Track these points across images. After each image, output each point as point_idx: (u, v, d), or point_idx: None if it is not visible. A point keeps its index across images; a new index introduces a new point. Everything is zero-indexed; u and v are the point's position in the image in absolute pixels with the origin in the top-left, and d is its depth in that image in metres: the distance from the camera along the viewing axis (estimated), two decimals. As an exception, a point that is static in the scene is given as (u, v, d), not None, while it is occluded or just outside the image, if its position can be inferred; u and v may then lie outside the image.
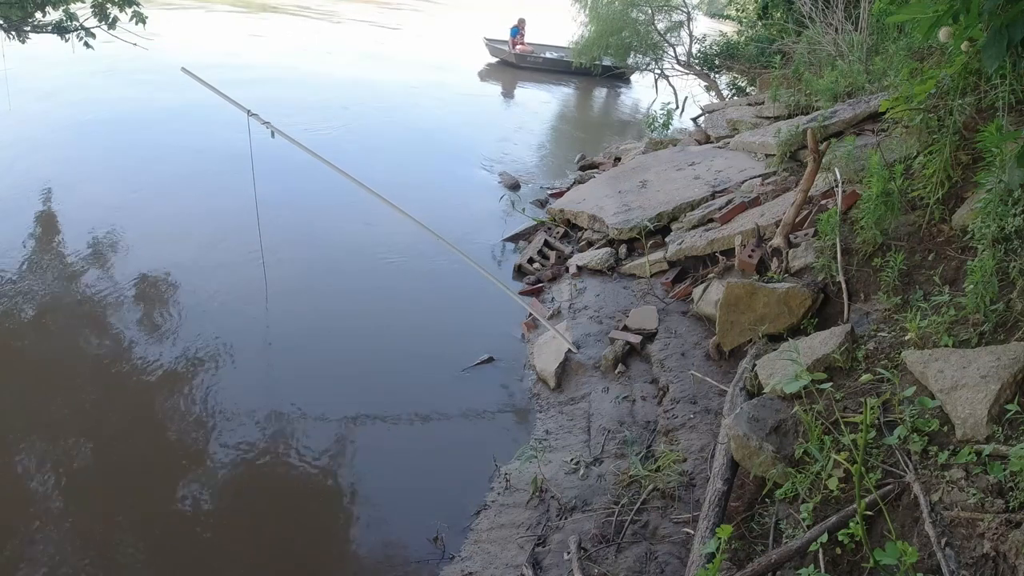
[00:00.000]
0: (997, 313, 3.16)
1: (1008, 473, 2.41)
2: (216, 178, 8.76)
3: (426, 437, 4.92)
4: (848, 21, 9.21)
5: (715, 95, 15.60)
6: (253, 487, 4.37)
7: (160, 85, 12.00)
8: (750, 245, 5.35)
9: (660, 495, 3.83)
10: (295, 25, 22.08)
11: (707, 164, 8.09)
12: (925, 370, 3.01)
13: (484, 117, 14.30)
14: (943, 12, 2.48)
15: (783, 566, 2.71)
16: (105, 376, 5.21)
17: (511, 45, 19.33)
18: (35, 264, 6.67)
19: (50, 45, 9.00)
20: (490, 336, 6.13)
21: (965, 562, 2.26)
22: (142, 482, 4.28)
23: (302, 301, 6.39)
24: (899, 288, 4.00)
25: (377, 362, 5.70)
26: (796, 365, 3.10)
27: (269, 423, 4.83)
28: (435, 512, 4.13)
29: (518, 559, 3.65)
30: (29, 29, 8.53)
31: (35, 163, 8.91)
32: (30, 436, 4.55)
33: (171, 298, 6.28)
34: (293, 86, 13.86)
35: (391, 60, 18.14)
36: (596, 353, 5.47)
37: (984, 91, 4.03)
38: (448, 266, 6.99)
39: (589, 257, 7.03)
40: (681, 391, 4.67)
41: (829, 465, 2.87)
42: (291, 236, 7.44)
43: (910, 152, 4.65)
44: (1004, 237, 3.26)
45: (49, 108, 11.14)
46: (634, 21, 16.28)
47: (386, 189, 5.73)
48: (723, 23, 22.63)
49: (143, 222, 7.59)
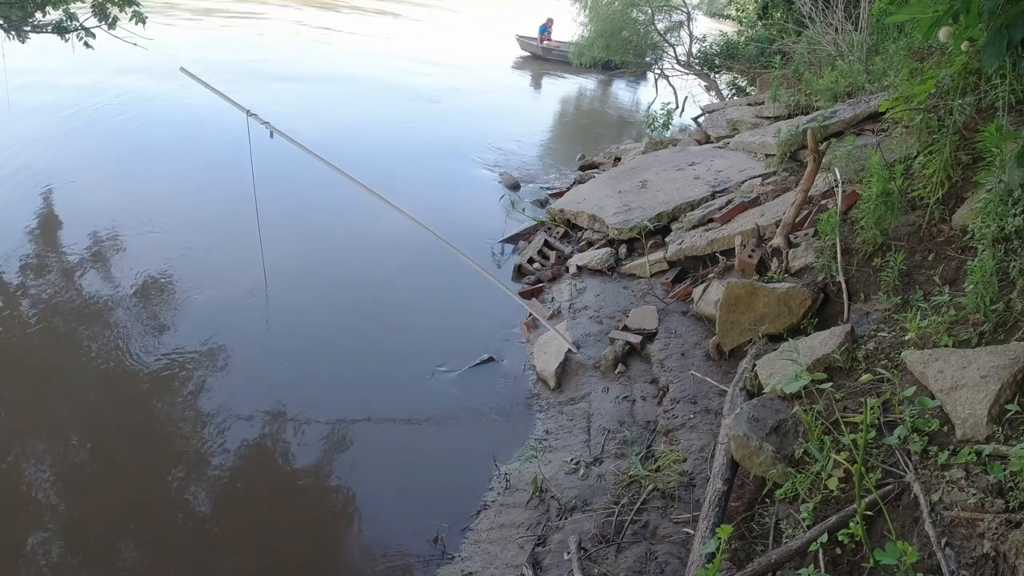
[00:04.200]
0: (997, 313, 3.16)
1: (1008, 473, 2.41)
2: (216, 178, 8.76)
3: (426, 437, 4.92)
4: (848, 21, 9.21)
5: (715, 95, 15.60)
6: (252, 487, 4.37)
7: (160, 85, 12.00)
8: (750, 245, 5.35)
9: (660, 495, 3.83)
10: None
11: (707, 164, 8.09)
12: (925, 370, 3.01)
13: (485, 116, 14.30)
14: (943, 12, 2.48)
15: (783, 566, 2.71)
16: (104, 375, 5.21)
17: (539, 41, 21.95)
18: (35, 263, 6.67)
19: (50, 45, 9.00)
20: (490, 336, 6.13)
21: (965, 562, 2.26)
22: (141, 482, 4.28)
23: (301, 301, 6.39)
24: (899, 288, 4.00)
25: (376, 362, 5.70)
26: (796, 365, 3.10)
27: (268, 423, 4.83)
28: (435, 512, 4.13)
29: (518, 559, 3.65)
30: (29, 29, 8.53)
31: (35, 163, 8.90)
32: (29, 436, 4.54)
33: (170, 298, 6.28)
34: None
35: (406, 59, 18.51)
36: (596, 353, 5.47)
37: (984, 91, 4.03)
38: (448, 266, 6.98)
39: (589, 257, 7.03)
40: (681, 391, 4.67)
41: (829, 465, 2.87)
42: (290, 236, 7.44)
43: (910, 152, 4.65)
44: (1004, 237, 3.25)
45: (49, 108, 11.13)
46: (634, 21, 16.29)
47: (385, 189, 5.72)
48: (723, 23, 22.68)
49: (142, 221, 7.58)
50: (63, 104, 11.41)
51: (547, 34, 22.00)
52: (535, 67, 21.28)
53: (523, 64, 21.81)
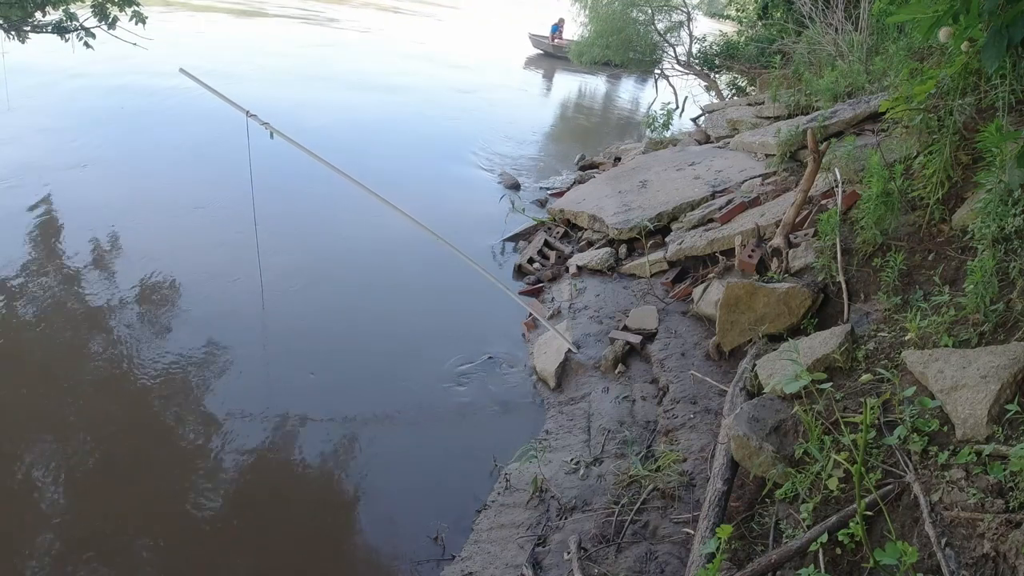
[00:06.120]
0: (997, 313, 3.16)
1: (1008, 473, 2.41)
2: (215, 177, 8.75)
3: (426, 437, 4.92)
4: (848, 21, 9.21)
5: (715, 95, 15.60)
6: (252, 487, 4.36)
7: (160, 84, 12.00)
8: (750, 245, 5.35)
9: (660, 495, 3.83)
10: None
11: (707, 164, 8.09)
12: (925, 370, 3.01)
13: (485, 118, 14.31)
14: (943, 12, 2.48)
15: (783, 566, 2.71)
16: (104, 378, 5.20)
17: (551, 39, 23.22)
18: (33, 264, 6.66)
19: (50, 44, 9.00)
20: (490, 336, 6.13)
21: (965, 562, 2.26)
22: (143, 484, 4.28)
23: (300, 302, 6.39)
24: (899, 288, 4.00)
25: (376, 362, 5.70)
26: (796, 365, 3.09)
27: (268, 423, 4.83)
28: (435, 512, 4.13)
29: (518, 559, 3.65)
30: (29, 29, 8.53)
31: (34, 162, 8.90)
32: (30, 438, 4.54)
33: (169, 299, 6.28)
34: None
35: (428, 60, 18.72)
36: (596, 353, 5.47)
37: (984, 91, 4.03)
38: (448, 266, 6.98)
39: (589, 257, 7.03)
40: (681, 391, 4.67)
41: (829, 465, 2.87)
42: (290, 236, 7.44)
43: (910, 152, 4.65)
44: (1004, 237, 3.26)
45: (49, 108, 11.13)
46: (634, 21, 16.30)
47: (384, 189, 5.72)
48: (723, 23, 22.73)
49: (141, 222, 7.59)
50: (63, 104, 11.41)
51: (558, 33, 23.12)
52: (546, 65, 22.13)
53: (535, 62, 22.69)
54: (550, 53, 23.33)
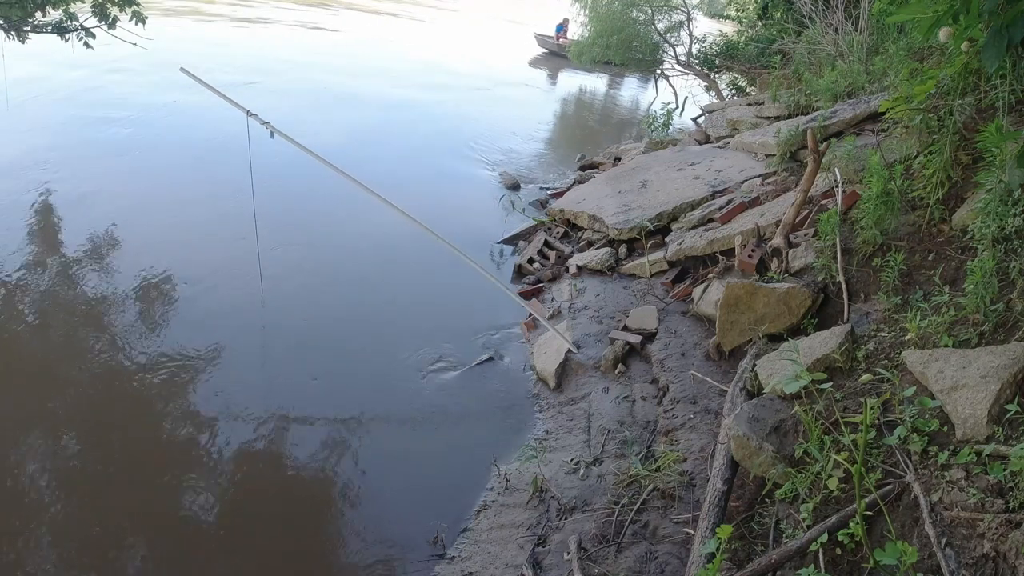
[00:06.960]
0: (997, 313, 3.16)
1: (1008, 473, 2.41)
2: (214, 177, 8.75)
3: (426, 437, 4.92)
4: (848, 21, 9.20)
5: (715, 95, 15.60)
6: (252, 487, 4.37)
7: (160, 84, 12.00)
8: (750, 245, 5.35)
9: (660, 495, 3.83)
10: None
11: (707, 164, 8.09)
12: (925, 370, 3.01)
13: (486, 118, 14.30)
14: (943, 12, 2.49)
15: (783, 566, 2.71)
16: (102, 376, 5.20)
17: (556, 39, 23.36)
18: (31, 261, 6.66)
19: (49, 44, 9.00)
20: (490, 336, 6.13)
21: (965, 562, 2.26)
22: (141, 483, 4.28)
23: (300, 302, 6.39)
24: (899, 288, 4.00)
25: (376, 362, 5.70)
26: (796, 365, 3.09)
27: (267, 423, 4.83)
28: (435, 512, 4.13)
29: (518, 559, 3.65)
30: (29, 29, 8.53)
31: (33, 162, 8.89)
32: (28, 437, 4.54)
33: (168, 297, 6.28)
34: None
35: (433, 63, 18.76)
36: (596, 353, 5.47)
37: (984, 91, 4.03)
38: (448, 266, 6.98)
39: (589, 257, 7.03)
40: (681, 391, 4.67)
41: (829, 465, 2.87)
42: (289, 235, 7.44)
43: (910, 152, 4.65)
44: (1004, 237, 3.25)
45: (48, 107, 11.13)
46: (634, 21, 16.29)
47: (385, 189, 5.72)
48: (723, 23, 22.73)
49: (140, 221, 7.59)
50: (62, 104, 11.40)
51: (563, 32, 23.32)
52: (551, 64, 22.31)
53: (540, 61, 22.91)
54: (555, 52, 23.39)
